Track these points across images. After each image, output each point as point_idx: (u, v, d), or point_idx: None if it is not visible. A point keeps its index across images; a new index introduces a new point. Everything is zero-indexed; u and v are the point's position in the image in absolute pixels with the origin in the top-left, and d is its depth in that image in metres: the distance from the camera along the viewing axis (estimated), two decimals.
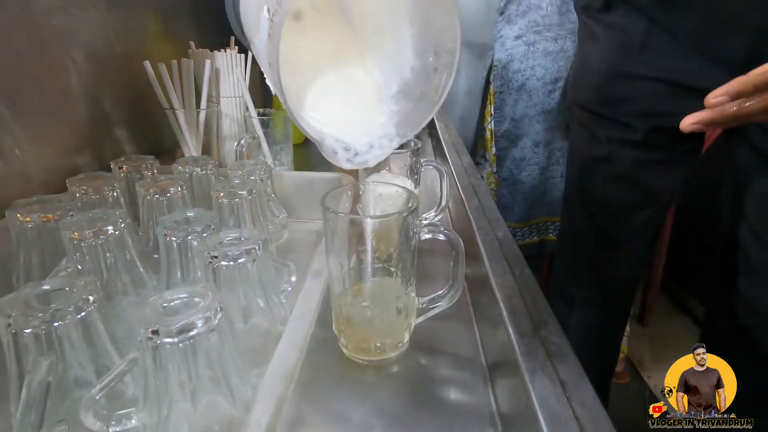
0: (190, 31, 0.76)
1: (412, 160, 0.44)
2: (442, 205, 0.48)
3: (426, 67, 0.25)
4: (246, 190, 0.41)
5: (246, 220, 0.42)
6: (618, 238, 0.65)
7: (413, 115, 0.27)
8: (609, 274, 0.69)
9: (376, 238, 0.28)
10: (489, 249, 0.39)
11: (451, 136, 0.88)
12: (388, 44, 0.26)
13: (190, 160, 0.48)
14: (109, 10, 0.56)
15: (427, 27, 0.24)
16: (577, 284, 0.72)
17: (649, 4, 0.49)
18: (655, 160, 0.58)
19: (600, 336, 0.76)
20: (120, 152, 0.60)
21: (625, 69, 0.56)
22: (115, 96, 0.59)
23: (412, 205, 0.28)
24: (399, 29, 0.25)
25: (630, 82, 0.55)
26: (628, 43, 0.54)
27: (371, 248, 0.28)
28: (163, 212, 0.41)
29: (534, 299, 0.32)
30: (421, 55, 0.25)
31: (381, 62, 0.27)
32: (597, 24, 0.59)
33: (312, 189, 0.54)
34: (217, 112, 0.61)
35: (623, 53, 0.55)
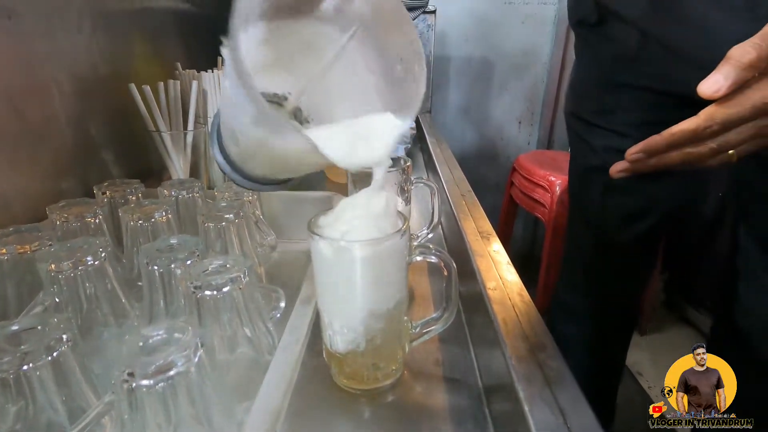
0: (177, 53, 0.75)
1: (402, 177, 0.44)
2: (434, 222, 0.47)
3: (394, 77, 0.28)
4: (232, 213, 0.40)
5: (233, 244, 0.41)
6: (617, 249, 0.65)
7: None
8: (609, 286, 0.68)
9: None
10: (483, 266, 0.39)
11: (442, 150, 0.88)
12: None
13: (176, 183, 0.47)
14: (94, 33, 0.55)
15: (388, 44, 0.27)
16: (578, 296, 0.72)
17: (641, 18, 0.49)
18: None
19: (602, 350, 0.74)
20: (106, 176, 0.59)
21: (619, 79, 0.56)
22: (100, 119, 0.58)
23: (401, 228, 0.27)
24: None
25: (624, 92, 0.56)
26: (621, 54, 0.55)
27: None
28: (148, 238, 0.40)
29: (531, 320, 0.31)
30: (389, 71, 0.28)
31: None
32: (592, 36, 0.59)
33: (302, 208, 0.53)
34: (205, 133, 0.60)
35: (616, 64, 0.56)
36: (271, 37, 0.25)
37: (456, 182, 0.65)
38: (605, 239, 0.65)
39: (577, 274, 0.72)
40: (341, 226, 0.26)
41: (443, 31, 1.53)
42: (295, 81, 0.28)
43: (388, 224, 0.27)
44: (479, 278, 0.36)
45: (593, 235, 0.67)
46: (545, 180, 1.23)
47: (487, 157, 1.73)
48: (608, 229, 0.64)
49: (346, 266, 0.26)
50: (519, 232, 1.78)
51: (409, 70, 0.26)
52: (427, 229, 0.47)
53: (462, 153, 1.70)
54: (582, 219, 0.68)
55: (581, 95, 0.64)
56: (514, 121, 1.69)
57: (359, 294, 0.27)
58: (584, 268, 0.70)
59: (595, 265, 0.68)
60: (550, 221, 1.22)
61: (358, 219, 0.26)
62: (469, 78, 1.63)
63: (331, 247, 0.26)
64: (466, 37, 1.57)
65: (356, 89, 0.29)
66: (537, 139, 1.70)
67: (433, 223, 0.47)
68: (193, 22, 0.82)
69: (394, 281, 0.28)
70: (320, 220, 0.27)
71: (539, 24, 1.54)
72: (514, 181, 1.43)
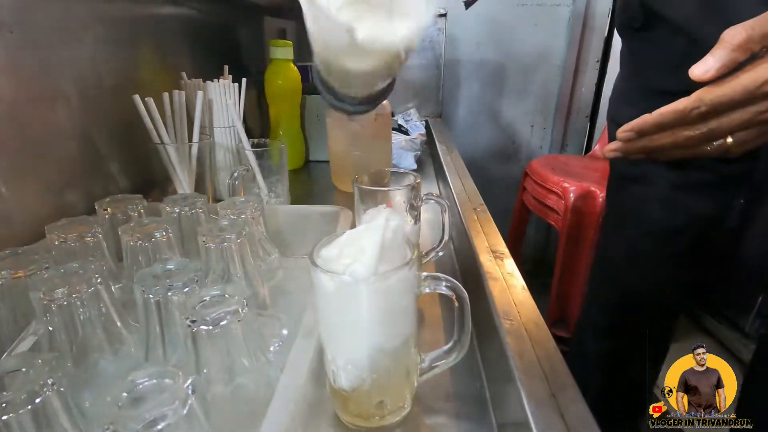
0: (183, 62, 0.75)
1: (411, 194, 0.42)
2: (444, 240, 0.45)
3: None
4: (234, 233, 0.38)
5: (235, 264, 0.39)
6: (656, 265, 0.61)
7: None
8: (644, 306, 0.64)
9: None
10: (497, 291, 0.36)
11: (453, 158, 0.86)
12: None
13: (179, 199, 0.46)
14: (96, 44, 0.55)
15: None
16: (609, 313, 0.68)
17: (689, 21, 0.47)
18: (697, 182, 0.55)
19: (634, 369, 0.71)
20: (111, 189, 0.58)
21: (661, 86, 0.54)
22: (104, 131, 0.57)
23: (410, 259, 0.25)
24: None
25: (666, 100, 0.54)
26: (666, 60, 0.52)
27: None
28: (148, 257, 0.38)
29: (549, 355, 0.29)
30: None
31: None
32: (637, 42, 0.57)
33: (308, 223, 0.52)
34: (210, 144, 0.59)
35: (660, 70, 0.54)
36: None
37: (468, 194, 0.63)
38: (641, 254, 0.62)
39: (608, 288, 0.69)
40: (345, 259, 0.24)
41: (454, 34, 1.51)
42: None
43: (396, 254, 0.25)
44: (492, 305, 0.34)
45: (628, 249, 0.63)
46: (559, 186, 1.20)
47: (498, 162, 1.70)
48: (644, 244, 0.61)
49: (351, 302, 0.24)
50: (531, 235, 1.74)
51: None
52: (437, 247, 0.45)
53: (473, 157, 1.67)
54: (617, 231, 0.65)
55: (623, 101, 0.61)
56: (527, 125, 1.66)
57: (365, 331, 0.25)
58: (617, 283, 0.67)
59: (629, 282, 0.65)
60: (563, 229, 1.19)
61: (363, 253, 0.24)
62: (481, 82, 1.60)
63: (333, 281, 0.24)
64: (477, 40, 1.54)
65: None
66: (550, 143, 1.67)
67: (443, 242, 0.45)
68: (199, 31, 0.81)
69: (402, 316, 0.26)
70: (323, 251, 0.25)
71: (553, 26, 1.51)
72: (527, 187, 1.40)
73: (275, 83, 0.84)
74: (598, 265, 0.73)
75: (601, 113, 1.59)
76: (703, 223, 0.57)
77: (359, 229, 0.26)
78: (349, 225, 0.48)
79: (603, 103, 1.57)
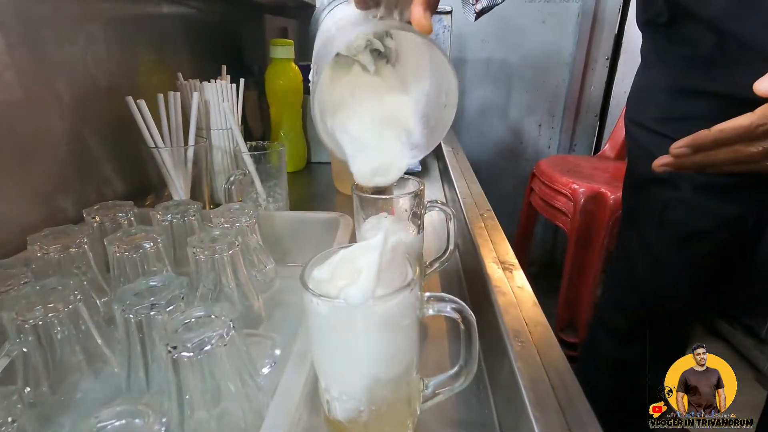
0: (180, 62, 0.73)
1: (414, 202, 0.39)
2: (450, 249, 0.43)
3: (440, 103, 0.34)
4: (227, 243, 0.36)
5: (228, 275, 0.37)
6: (677, 270, 0.59)
7: (427, 140, 0.35)
8: (664, 310, 0.62)
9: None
10: (505, 305, 0.34)
11: (458, 160, 0.83)
12: (418, 88, 0.36)
13: (171, 206, 0.44)
14: (88, 45, 0.53)
15: (439, 81, 0.34)
16: (626, 317, 0.66)
17: (719, 15, 0.44)
18: (724, 185, 0.52)
19: (648, 374, 0.68)
20: (103, 194, 0.57)
21: (689, 85, 0.51)
22: (97, 134, 0.55)
23: (411, 280, 0.23)
24: (423, 83, 0.35)
25: (695, 99, 0.51)
26: (694, 57, 0.50)
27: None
28: (137, 269, 0.36)
29: (566, 384, 0.26)
30: (438, 95, 0.34)
31: (413, 101, 0.36)
32: (661, 38, 0.54)
33: (307, 230, 0.50)
34: (206, 147, 0.57)
35: (687, 68, 0.51)
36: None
37: (474, 198, 0.60)
38: (663, 258, 0.59)
39: (625, 292, 0.66)
40: (339, 281, 0.22)
41: (460, 32, 1.48)
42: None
43: (396, 274, 0.23)
44: (501, 324, 0.32)
45: (648, 252, 0.61)
46: (567, 188, 1.17)
47: (505, 162, 1.67)
48: (665, 247, 0.58)
49: (345, 328, 0.22)
50: (538, 236, 1.71)
51: (449, 105, 0.33)
52: (442, 257, 0.43)
53: (479, 158, 1.64)
54: (636, 234, 0.62)
55: (645, 101, 0.59)
56: (534, 125, 1.62)
57: (361, 360, 0.23)
58: (634, 287, 0.64)
59: (648, 286, 0.62)
60: (572, 231, 1.16)
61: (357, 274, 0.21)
62: (487, 80, 1.57)
63: (326, 305, 0.21)
64: (484, 38, 1.51)
65: (418, 79, 0.35)
66: (558, 143, 1.63)
67: (448, 252, 0.42)
68: (198, 30, 0.79)
69: (402, 343, 0.23)
70: (315, 272, 0.23)
71: (561, 23, 1.47)
72: (534, 188, 1.36)
73: (276, 83, 0.82)
74: (614, 268, 0.70)
75: (610, 112, 1.55)
76: (727, 227, 0.54)
77: (355, 247, 0.23)
78: (350, 233, 0.46)
79: (613, 103, 1.53)
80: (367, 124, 0.35)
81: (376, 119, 0.35)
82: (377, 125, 0.35)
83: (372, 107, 0.35)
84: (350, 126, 0.34)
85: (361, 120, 0.35)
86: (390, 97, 0.35)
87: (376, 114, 0.35)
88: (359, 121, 0.35)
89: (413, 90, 0.35)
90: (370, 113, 0.35)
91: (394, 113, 0.35)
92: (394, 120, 0.35)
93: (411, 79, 0.36)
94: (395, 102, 0.35)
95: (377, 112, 0.35)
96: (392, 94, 0.35)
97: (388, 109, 0.35)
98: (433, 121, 0.35)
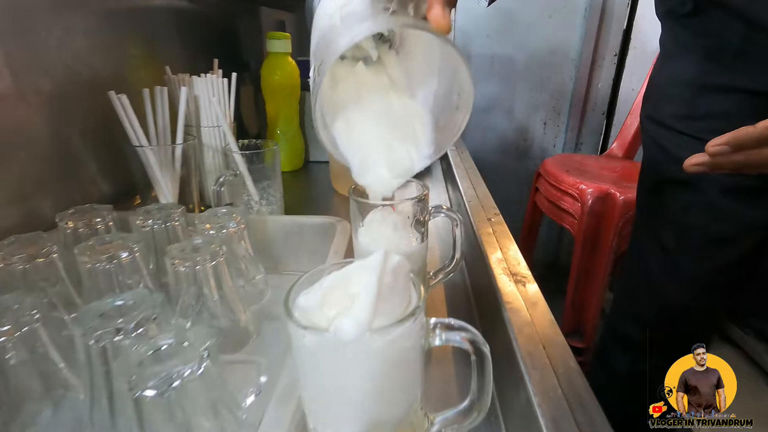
0: (170, 56, 0.69)
1: (417, 208, 0.36)
2: (457, 257, 0.39)
3: (451, 104, 0.31)
4: (210, 253, 0.33)
5: (211, 288, 0.34)
6: (698, 278, 0.55)
7: (436, 145, 0.32)
8: (684, 321, 0.58)
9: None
10: (519, 325, 0.30)
11: (463, 160, 0.79)
12: (428, 87, 0.32)
13: (153, 210, 0.40)
14: (67, 36, 0.49)
15: (450, 79, 0.31)
16: (640, 328, 0.62)
17: (747, 2, 0.41)
18: (751, 188, 0.48)
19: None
20: (85, 196, 0.53)
21: (716, 80, 0.47)
22: (77, 132, 0.52)
23: (415, 308, 0.19)
24: (433, 80, 0.32)
25: (721, 95, 0.47)
26: (720, 50, 0.46)
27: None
28: (110, 282, 0.33)
29: (591, 420, 0.23)
30: (449, 95, 0.31)
31: (420, 100, 0.32)
32: (683, 30, 0.51)
33: (301, 235, 0.46)
34: (194, 146, 0.53)
35: (714, 62, 0.47)
36: None
37: (480, 201, 0.56)
38: (682, 266, 0.55)
39: (640, 302, 0.62)
40: (329, 309, 0.18)
41: (464, 27, 1.43)
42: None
43: (397, 301, 0.19)
44: (515, 348, 0.28)
45: (666, 259, 0.57)
46: (575, 188, 1.13)
47: (509, 161, 1.63)
48: (686, 254, 0.54)
49: (337, 365, 0.18)
50: (542, 236, 1.66)
51: (461, 105, 0.29)
52: (447, 267, 0.39)
53: (483, 156, 1.60)
54: (653, 240, 0.58)
55: (665, 97, 0.55)
56: (539, 122, 1.58)
57: (356, 401, 0.19)
58: (651, 296, 0.60)
59: (666, 295, 0.58)
60: (579, 234, 1.12)
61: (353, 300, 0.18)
62: (491, 76, 1.53)
63: (314, 338, 0.18)
64: (488, 33, 1.47)
65: (425, 73, 0.31)
66: (563, 141, 1.59)
67: (455, 261, 0.39)
68: (190, 21, 0.75)
69: (405, 382, 0.20)
70: (301, 298, 0.19)
71: (568, 17, 1.43)
72: (539, 188, 1.33)
73: (272, 78, 0.78)
74: (627, 275, 0.66)
75: (618, 110, 1.51)
76: (754, 233, 0.50)
77: (350, 268, 0.20)
78: (347, 239, 0.42)
79: (621, 100, 1.49)
80: (374, 139, 0.31)
81: (385, 133, 0.32)
82: (386, 139, 0.32)
83: (380, 120, 0.32)
84: (356, 137, 0.31)
85: (369, 134, 0.31)
86: (400, 107, 0.32)
87: (385, 128, 0.32)
88: (367, 134, 0.31)
89: (420, 85, 0.32)
90: (378, 128, 0.32)
91: (404, 124, 0.32)
92: (403, 131, 0.32)
93: (417, 70, 0.32)
94: (406, 112, 0.32)
95: (386, 123, 0.32)
96: (402, 100, 0.32)
97: (398, 121, 0.32)
98: (442, 122, 0.32)
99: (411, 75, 0.32)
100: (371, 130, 0.31)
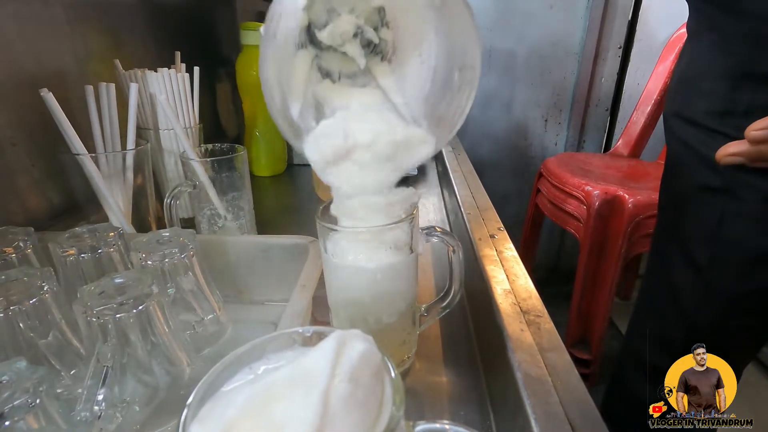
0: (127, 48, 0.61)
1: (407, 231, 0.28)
2: (455, 289, 0.32)
3: (451, 87, 0.26)
4: (134, 297, 0.25)
5: (138, 339, 0.26)
6: (734, 299, 0.48)
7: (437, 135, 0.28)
8: (719, 347, 0.51)
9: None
10: (540, 394, 0.23)
11: (459, 162, 0.72)
12: (415, 67, 0.27)
13: (83, 234, 0.33)
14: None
15: (451, 46, 0.26)
16: (668, 354, 0.55)
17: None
18: None
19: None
20: (13, 216, 0.46)
21: (756, 70, 0.41)
22: (6, 137, 0.44)
23: (387, 426, 0.12)
24: (426, 50, 0.26)
25: (762, 88, 0.40)
26: (762, 35, 0.39)
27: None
28: (13, 330, 0.26)
29: None
30: (449, 76, 0.26)
31: (406, 88, 0.27)
32: (718, 12, 0.44)
33: (268, 259, 0.39)
34: (148, 152, 0.46)
35: (756, 48, 0.40)
36: None
37: (481, 212, 0.49)
38: (717, 285, 0.48)
39: (666, 324, 0.55)
40: None
41: None
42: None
43: (354, 415, 0.12)
44: (534, 425, 0.21)
45: (698, 278, 0.50)
46: (580, 190, 1.06)
47: (508, 160, 1.56)
48: (722, 272, 0.47)
49: None
50: (544, 237, 1.59)
51: (464, 82, 0.26)
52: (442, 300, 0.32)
53: (481, 155, 1.53)
54: (681, 255, 0.51)
55: (696, 91, 0.47)
56: (540, 119, 1.51)
57: None
58: (679, 318, 0.52)
59: (697, 318, 0.51)
60: (585, 238, 1.05)
61: None
62: (489, 71, 1.45)
63: None
64: (486, 25, 1.39)
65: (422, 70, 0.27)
66: (565, 139, 1.52)
67: (453, 293, 0.32)
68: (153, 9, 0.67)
69: None
70: (194, 428, 0.12)
71: (570, 9, 1.35)
72: (541, 188, 1.25)
73: (248, 74, 0.71)
74: (649, 293, 0.59)
75: (623, 106, 1.44)
76: None
77: (279, 377, 0.12)
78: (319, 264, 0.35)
79: (625, 96, 1.42)
80: (359, 180, 0.27)
81: (372, 170, 0.27)
82: (373, 173, 0.27)
83: (367, 160, 0.27)
84: (341, 177, 0.27)
85: (353, 174, 0.27)
86: (393, 134, 0.27)
87: (373, 162, 0.27)
88: (352, 175, 0.27)
89: (414, 81, 0.27)
90: (363, 169, 0.27)
91: (396, 154, 0.27)
92: (395, 160, 0.27)
93: (411, 69, 0.27)
94: (400, 140, 0.27)
95: (374, 154, 0.27)
96: (395, 126, 0.27)
97: (389, 151, 0.27)
98: (442, 109, 0.27)
99: (405, 76, 0.28)
100: (356, 175, 0.27)
